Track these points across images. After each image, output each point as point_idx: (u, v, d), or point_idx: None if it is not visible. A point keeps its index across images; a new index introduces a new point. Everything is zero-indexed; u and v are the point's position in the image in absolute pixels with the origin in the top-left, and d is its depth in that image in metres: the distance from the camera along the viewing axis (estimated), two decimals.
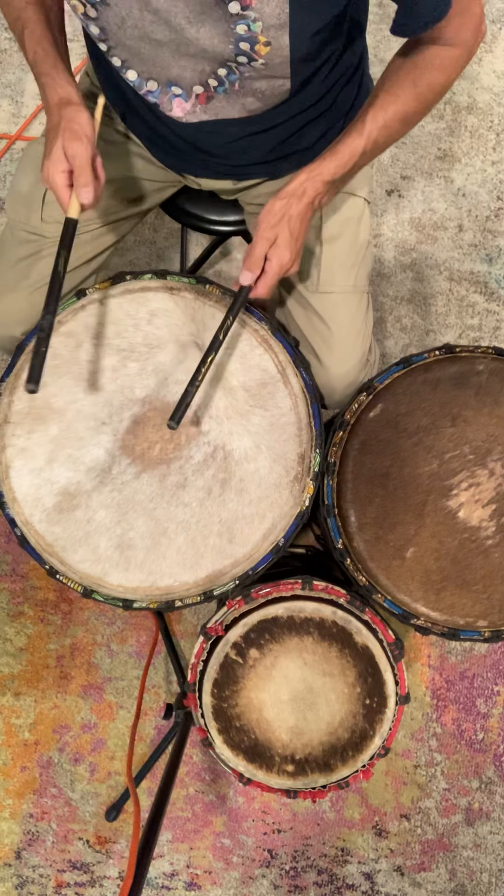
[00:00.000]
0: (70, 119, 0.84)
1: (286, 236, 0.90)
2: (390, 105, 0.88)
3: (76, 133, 0.84)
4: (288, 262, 0.92)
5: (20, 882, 1.59)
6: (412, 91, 0.88)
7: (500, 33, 1.76)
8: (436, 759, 1.59)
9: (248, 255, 0.91)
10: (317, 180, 0.89)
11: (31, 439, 1.00)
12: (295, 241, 0.91)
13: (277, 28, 0.75)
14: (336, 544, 0.99)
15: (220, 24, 0.75)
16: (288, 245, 0.91)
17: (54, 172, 0.85)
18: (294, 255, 0.92)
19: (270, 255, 0.91)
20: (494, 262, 1.72)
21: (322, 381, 1.08)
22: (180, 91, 0.87)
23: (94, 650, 1.61)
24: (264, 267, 0.92)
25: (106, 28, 0.80)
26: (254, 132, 0.96)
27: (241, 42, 0.77)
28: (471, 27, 0.84)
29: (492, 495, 0.99)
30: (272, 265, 0.91)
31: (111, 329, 1.01)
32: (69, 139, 0.84)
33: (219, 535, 0.97)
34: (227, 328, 0.92)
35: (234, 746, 1.01)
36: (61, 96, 0.86)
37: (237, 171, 1.07)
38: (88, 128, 0.85)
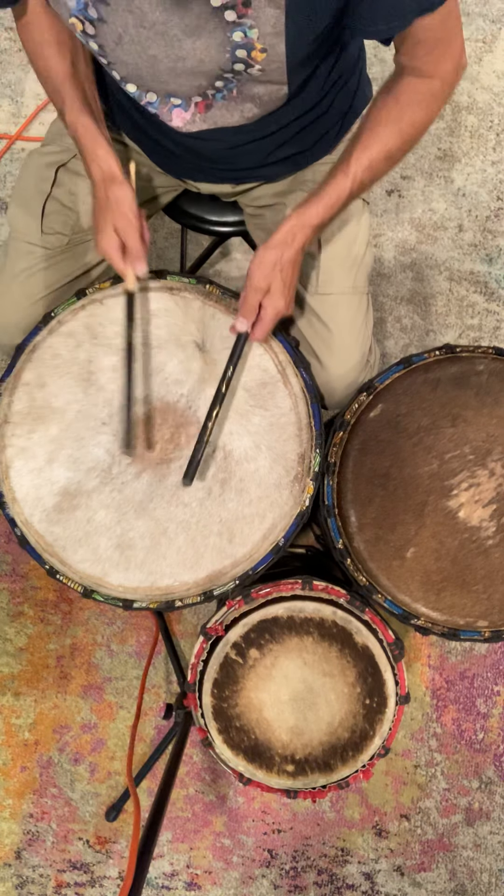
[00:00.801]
0: (117, 199, 0.92)
1: (279, 285, 0.92)
2: (374, 144, 0.88)
3: (125, 214, 0.92)
4: (283, 308, 0.94)
5: (20, 882, 1.59)
6: (395, 128, 0.88)
7: (500, 33, 1.76)
8: (436, 759, 1.59)
9: (243, 303, 0.94)
10: (305, 226, 0.91)
11: (31, 439, 1.00)
12: (288, 289, 0.94)
13: (273, 35, 0.75)
14: (336, 544, 0.99)
15: (216, 33, 0.75)
16: (281, 293, 0.93)
17: (109, 248, 0.94)
18: (288, 300, 0.94)
19: (265, 303, 0.93)
20: (494, 262, 1.72)
21: (322, 382, 1.08)
22: (179, 101, 0.87)
23: (94, 650, 1.61)
24: (259, 314, 0.94)
25: (104, 45, 0.80)
26: (252, 139, 0.96)
27: (238, 49, 0.77)
28: (452, 60, 0.84)
29: (492, 495, 0.99)
30: (267, 312, 0.93)
31: (111, 329, 1.01)
32: (120, 220, 0.92)
33: (219, 535, 0.97)
34: (229, 379, 0.95)
35: (234, 746, 1.01)
36: (104, 171, 0.92)
37: (236, 175, 1.07)
38: (134, 204, 0.93)
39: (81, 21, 0.78)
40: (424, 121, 0.89)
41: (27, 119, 1.77)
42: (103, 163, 0.92)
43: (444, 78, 0.86)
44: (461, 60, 0.86)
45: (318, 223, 0.91)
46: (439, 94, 0.87)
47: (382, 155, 0.89)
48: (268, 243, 0.91)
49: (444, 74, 0.86)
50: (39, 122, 1.78)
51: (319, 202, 0.90)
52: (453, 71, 0.86)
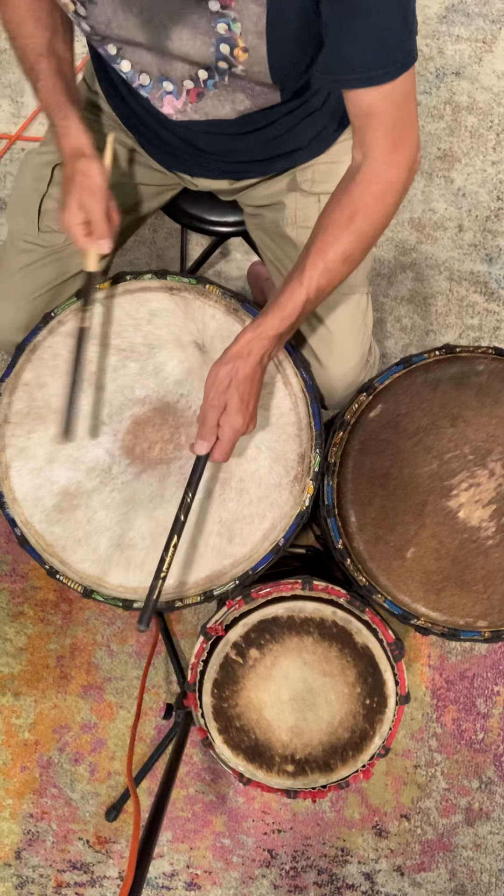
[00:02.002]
0: (83, 173, 0.89)
1: (236, 402, 0.86)
2: (329, 248, 0.84)
3: (89, 187, 0.89)
4: (241, 427, 0.88)
5: (20, 882, 1.59)
6: (350, 230, 0.84)
7: (500, 33, 1.76)
8: (436, 759, 1.59)
9: (201, 424, 0.88)
10: (262, 338, 0.86)
11: (31, 439, 1.00)
12: (246, 406, 0.88)
13: (256, 34, 0.75)
14: (336, 544, 0.99)
15: (200, 22, 0.76)
16: (239, 411, 0.87)
17: (72, 225, 0.90)
18: (247, 418, 0.88)
19: (222, 422, 0.87)
20: (494, 262, 1.72)
21: (322, 382, 1.08)
22: (171, 87, 0.87)
23: (94, 650, 1.61)
24: (218, 433, 0.88)
25: (95, 26, 0.81)
26: (246, 131, 0.96)
27: (222, 44, 0.77)
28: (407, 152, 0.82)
29: (492, 495, 0.99)
30: (225, 432, 0.88)
31: (111, 329, 1.01)
32: (84, 194, 0.89)
33: (219, 535, 0.97)
34: (188, 506, 0.89)
35: (234, 746, 1.01)
36: (74, 146, 0.91)
37: (232, 169, 1.07)
38: (100, 179, 0.90)
39: (73, 1, 0.78)
40: (381, 219, 0.85)
41: (27, 119, 1.77)
42: (74, 138, 0.90)
43: (398, 171, 0.82)
44: (416, 155, 0.83)
45: (275, 334, 0.86)
46: (394, 189, 0.83)
47: (339, 258, 0.85)
48: (222, 357, 0.87)
49: (398, 166, 0.82)
50: (39, 122, 1.78)
51: (276, 312, 0.85)
52: (408, 163, 0.83)
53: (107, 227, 0.91)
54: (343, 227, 0.84)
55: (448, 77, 1.76)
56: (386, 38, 0.73)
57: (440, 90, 1.75)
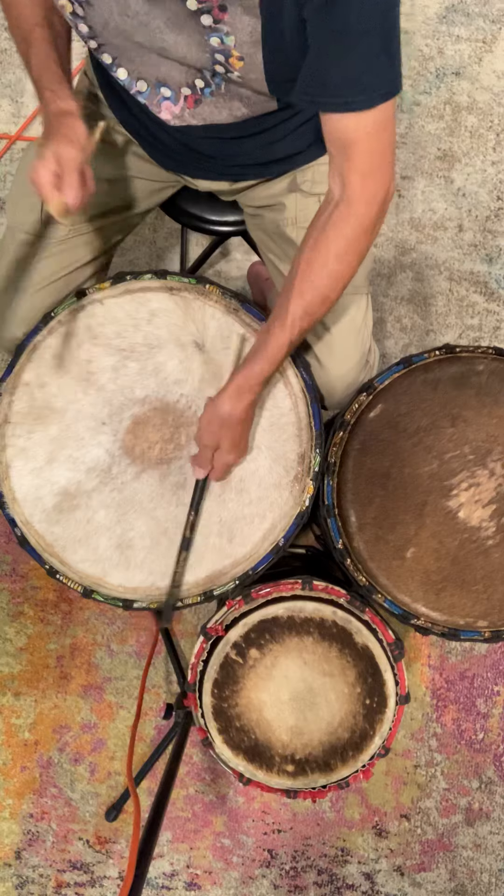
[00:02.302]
0: (67, 126, 0.85)
1: (227, 443, 0.94)
2: (307, 290, 0.87)
3: (69, 139, 0.83)
4: (234, 461, 0.97)
5: (20, 882, 1.59)
6: (325, 271, 0.86)
7: (500, 33, 1.76)
8: (436, 759, 1.59)
9: (196, 455, 0.96)
10: (253, 385, 0.92)
11: (31, 439, 1.00)
12: (237, 445, 0.95)
13: (251, 45, 0.75)
14: (336, 544, 0.99)
15: (194, 35, 0.76)
16: (231, 449, 0.95)
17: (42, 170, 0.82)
18: (238, 454, 0.97)
19: (216, 457, 0.95)
20: (494, 262, 1.71)
21: (322, 382, 1.08)
22: (169, 93, 0.87)
23: (94, 650, 1.61)
24: (212, 463, 0.96)
25: (93, 27, 0.81)
26: (243, 135, 0.96)
27: (216, 54, 0.77)
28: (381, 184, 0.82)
29: (492, 495, 0.99)
30: (218, 464, 0.96)
31: (111, 329, 1.01)
32: (62, 143, 0.83)
33: (219, 535, 0.97)
34: (194, 524, 0.97)
35: (234, 746, 1.01)
36: (61, 108, 0.87)
37: (231, 171, 1.07)
38: (83, 137, 0.85)
39: (71, 2, 0.78)
40: (356, 260, 0.86)
41: (27, 119, 1.77)
42: (63, 102, 0.87)
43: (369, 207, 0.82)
44: (389, 187, 0.83)
45: (263, 379, 0.92)
46: (367, 229, 0.84)
47: (318, 300, 0.88)
48: (216, 401, 0.93)
49: (369, 202, 0.82)
50: (39, 121, 1.78)
51: (263, 358, 0.91)
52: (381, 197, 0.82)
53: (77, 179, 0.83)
54: (319, 270, 0.86)
55: (448, 77, 1.76)
56: (367, 63, 0.72)
57: (440, 90, 1.75)
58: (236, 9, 0.72)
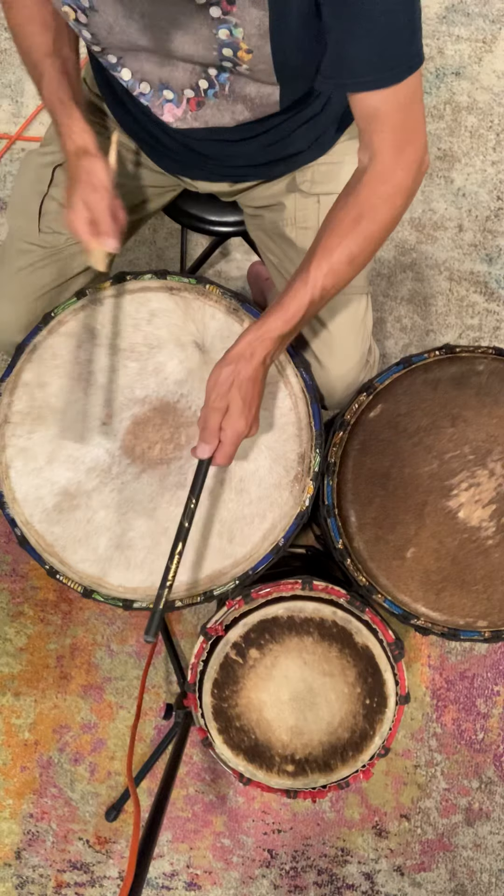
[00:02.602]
0: (87, 171, 0.89)
1: (238, 404, 0.84)
2: (335, 249, 0.83)
3: (94, 185, 0.88)
4: (244, 429, 0.86)
5: (20, 882, 1.59)
6: (357, 231, 0.82)
7: (500, 33, 1.76)
8: (436, 759, 1.59)
9: (202, 427, 0.86)
10: (265, 339, 0.84)
11: (31, 439, 1.00)
12: (248, 408, 0.85)
13: (259, 36, 0.75)
14: (336, 544, 0.99)
15: (202, 29, 0.75)
16: (241, 413, 0.85)
17: (76, 222, 0.89)
18: (249, 420, 0.86)
19: (224, 425, 0.85)
20: (494, 262, 1.72)
21: (322, 382, 1.08)
22: (172, 95, 0.87)
23: (94, 650, 1.61)
24: (220, 437, 0.86)
25: (97, 34, 0.81)
26: (245, 137, 0.96)
27: (224, 48, 0.77)
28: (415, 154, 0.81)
29: (492, 495, 0.99)
30: (227, 435, 0.85)
31: (111, 329, 1.01)
32: (87, 191, 0.88)
33: (219, 535, 0.97)
34: (192, 512, 0.87)
35: (234, 746, 1.01)
36: (78, 146, 0.90)
37: (232, 173, 1.07)
38: (105, 177, 0.89)
39: (74, 10, 0.78)
40: (388, 221, 0.84)
41: (27, 119, 1.77)
42: (78, 137, 0.90)
43: (406, 173, 0.81)
44: (424, 157, 0.82)
45: (278, 335, 0.84)
46: (402, 191, 0.82)
47: (345, 260, 0.83)
48: (224, 358, 0.85)
49: (406, 169, 0.81)
50: (39, 122, 1.78)
51: (280, 314, 0.84)
52: (416, 166, 0.82)
53: (112, 225, 0.89)
54: (349, 228, 0.83)
55: (448, 77, 1.76)
56: (392, 40, 0.72)
57: (440, 90, 1.75)
58: (244, 1, 0.72)
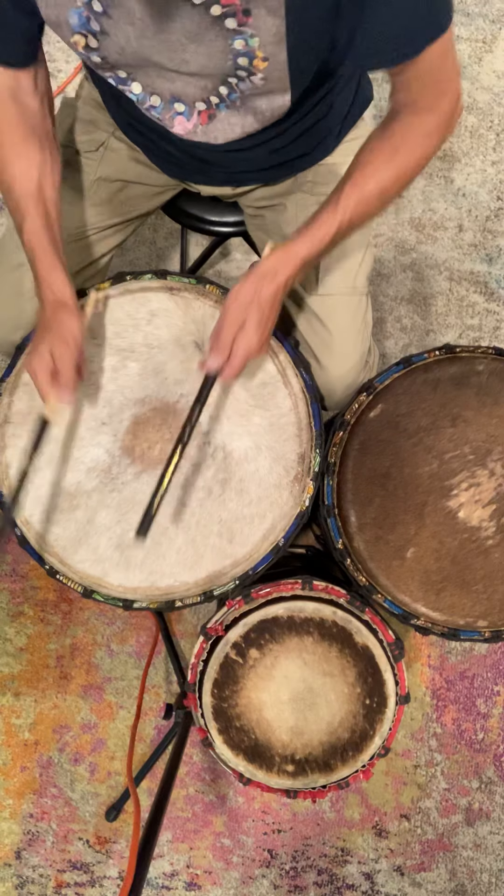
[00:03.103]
0: (61, 323, 0.88)
1: (255, 320, 0.86)
2: (367, 181, 0.85)
3: (65, 339, 0.88)
4: (256, 347, 0.87)
5: (20, 882, 1.59)
6: (390, 166, 0.85)
7: (500, 33, 1.76)
8: (436, 759, 1.59)
9: (215, 339, 0.88)
10: (290, 261, 0.86)
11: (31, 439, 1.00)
12: (264, 326, 0.87)
13: (275, 44, 0.75)
14: (336, 544, 0.99)
15: (217, 41, 0.75)
16: (256, 329, 0.86)
17: (38, 368, 0.88)
18: (262, 339, 0.88)
19: (238, 338, 0.87)
20: (494, 262, 1.72)
21: (321, 383, 1.08)
22: (183, 108, 0.87)
23: (94, 650, 1.61)
24: (231, 350, 0.87)
25: (107, 56, 0.80)
26: (253, 145, 0.96)
27: (240, 58, 0.77)
28: (450, 98, 0.83)
29: (492, 495, 0.99)
30: (239, 349, 0.87)
31: (111, 329, 1.01)
32: (59, 344, 0.88)
33: (219, 535, 0.97)
34: (194, 423, 0.88)
35: (234, 746, 1.01)
36: (57, 297, 0.90)
37: (235, 178, 1.07)
38: (78, 334, 0.89)
39: (84, 36, 0.78)
40: (421, 159, 0.86)
41: None
42: (57, 289, 0.89)
43: (441, 116, 0.83)
44: (459, 103, 0.84)
45: (303, 258, 0.86)
46: (436, 132, 0.84)
47: (376, 192, 0.85)
48: (247, 276, 0.87)
49: (441, 112, 0.83)
50: None
51: (307, 238, 0.86)
52: (451, 110, 0.83)
53: (73, 381, 0.89)
54: (384, 161, 0.85)
55: None
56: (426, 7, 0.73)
57: None
58: (260, 10, 0.72)
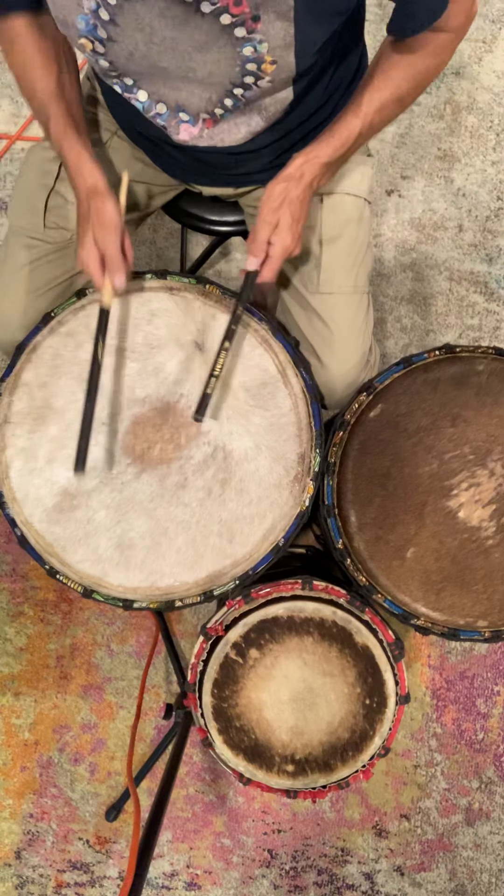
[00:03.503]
0: (98, 210, 0.90)
1: (287, 220, 0.91)
2: (386, 87, 0.89)
3: (105, 225, 0.90)
4: (291, 245, 0.93)
5: (20, 882, 1.59)
6: (407, 72, 0.89)
7: (500, 33, 1.76)
8: (436, 759, 1.59)
9: (252, 239, 0.93)
10: (314, 163, 0.91)
11: (31, 439, 1.00)
12: (296, 224, 0.93)
13: (283, 48, 0.75)
14: (336, 544, 0.99)
15: (226, 48, 0.76)
16: (290, 228, 0.92)
17: (88, 260, 0.92)
18: (296, 237, 0.93)
19: (273, 239, 0.92)
20: (494, 262, 1.72)
21: (322, 382, 1.08)
22: (188, 117, 0.87)
23: (94, 650, 1.61)
24: (268, 251, 0.93)
25: (115, 62, 0.80)
26: (257, 147, 0.97)
27: (248, 63, 0.77)
28: (463, 12, 0.86)
29: (492, 495, 0.99)
30: (276, 249, 0.92)
31: (111, 329, 1.01)
32: (99, 230, 0.91)
33: (219, 535, 0.97)
34: (239, 316, 0.94)
35: (234, 746, 1.01)
36: (89, 186, 0.92)
37: (237, 179, 1.08)
38: (116, 216, 0.91)
39: (91, 41, 0.78)
40: (436, 68, 0.91)
41: (27, 119, 1.77)
42: (88, 177, 0.92)
43: (456, 29, 0.87)
44: (472, 9, 0.87)
45: (326, 160, 0.91)
46: (450, 44, 0.89)
47: (394, 98, 0.90)
48: (277, 178, 0.91)
49: (456, 27, 0.87)
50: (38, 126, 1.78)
51: (330, 141, 0.90)
52: (464, 22, 0.87)
53: (121, 262, 0.92)
54: (400, 70, 0.89)
55: (448, 77, 1.76)
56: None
57: (440, 90, 1.75)
58: (269, 16, 0.72)
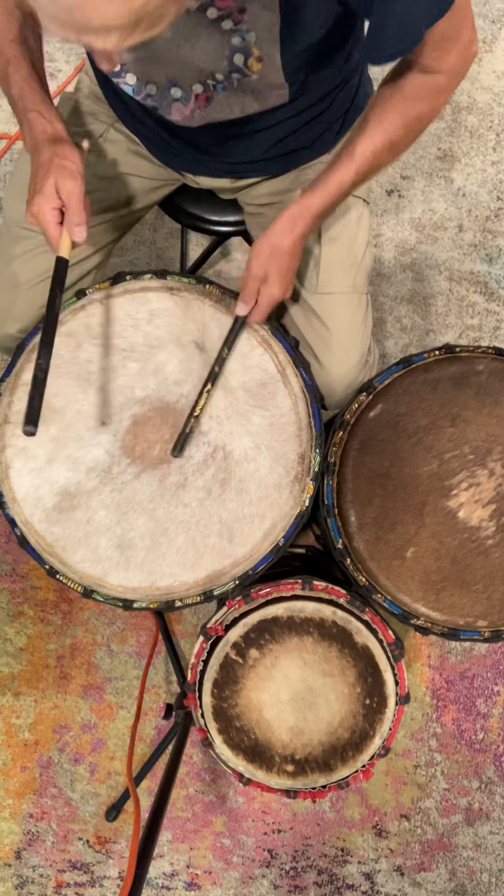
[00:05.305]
0: (62, 156, 0.85)
1: (276, 273, 0.93)
2: (378, 135, 0.87)
3: (69, 171, 0.85)
4: (279, 296, 0.96)
5: (20, 882, 1.59)
6: (399, 120, 0.87)
7: (500, 33, 1.76)
8: (436, 759, 1.59)
9: (242, 289, 0.95)
10: (306, 215, 0.90)
11: (31, 439, 1.00)
12: (285, 277, 0.95)
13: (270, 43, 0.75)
14: (336, 544, 0.99)
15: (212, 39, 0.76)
16: (278, 281, 0.94)
17: (46, 209, 0.86)
18: (284, 288, 0.96)
19: (262, 290, 0.95)
20: (494, 262, 1.71)
21: (321, 382, 1.08)
22: (180, 94, 0.87)
23: (94, 650, 1.61)
24: (257, 299, 0.95)
25: None
26: (252, 131, 0.96)
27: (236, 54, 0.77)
28: (458, 54, 0.83)
29: (492, 495, 0.99)
30: (263, 299, 0.95)
31: (111, 329, 1.01)
32: (62, 177, 0.85)
33: (219, 535, 0.97)
34: (223, 359, 0.97)
35: (234, 746, 1.01)
36: (50, 133, 0.87)
37: (235, 168, 1.07)
38: (80, 165, 0.86)
39: None
40: (429, 114, 0.89)
41: None
42: (50, 125, 0.87)
43: (449, 72, 0.85)
44: (469, 51, 0.85)
45: (319, 212, 0.91)
46: (445, 88, 0.87)
47: (386, 145, 0.88)
48: (268, 232, 0.91)
49: (449, 69, 0.85)
50: None
51: (322, 191, 0.90)
52: (460, 64, 0.85)
53: (83, 213, 0.86)
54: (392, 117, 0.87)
55: None
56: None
57: None
58: (254, 6, 0.72)
